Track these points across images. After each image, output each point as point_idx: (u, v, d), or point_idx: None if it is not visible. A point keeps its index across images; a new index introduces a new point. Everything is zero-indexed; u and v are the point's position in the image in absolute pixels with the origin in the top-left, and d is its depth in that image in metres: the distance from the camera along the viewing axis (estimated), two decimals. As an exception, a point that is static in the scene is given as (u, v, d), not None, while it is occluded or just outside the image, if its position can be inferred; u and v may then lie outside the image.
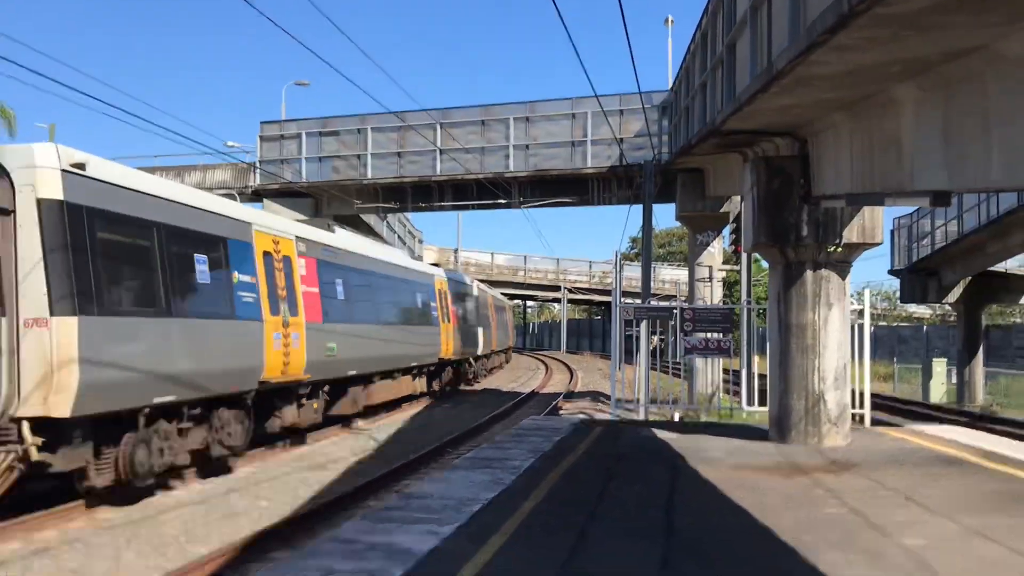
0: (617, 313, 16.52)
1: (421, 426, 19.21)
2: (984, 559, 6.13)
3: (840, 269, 11.84)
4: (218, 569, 7.89)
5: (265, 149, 26.52)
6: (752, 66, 9.70)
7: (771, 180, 11.61)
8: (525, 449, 11.28)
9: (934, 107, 7.85)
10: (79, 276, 9.09)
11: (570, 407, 23.13)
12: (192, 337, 11.13)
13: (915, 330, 47.68)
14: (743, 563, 6.06)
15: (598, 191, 24.66)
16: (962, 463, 10.33)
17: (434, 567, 5.85)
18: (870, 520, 7.27)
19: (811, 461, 10.42)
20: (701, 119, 14.60)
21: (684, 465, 10.18)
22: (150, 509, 10.49)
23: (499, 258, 63.54)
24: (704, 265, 22.66)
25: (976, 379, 28.28)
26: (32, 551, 8.54)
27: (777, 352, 12.06)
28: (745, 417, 16.76)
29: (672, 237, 74.34)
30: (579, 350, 71.50)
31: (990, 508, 7.74)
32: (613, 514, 7.56)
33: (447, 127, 24.37)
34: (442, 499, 8.02)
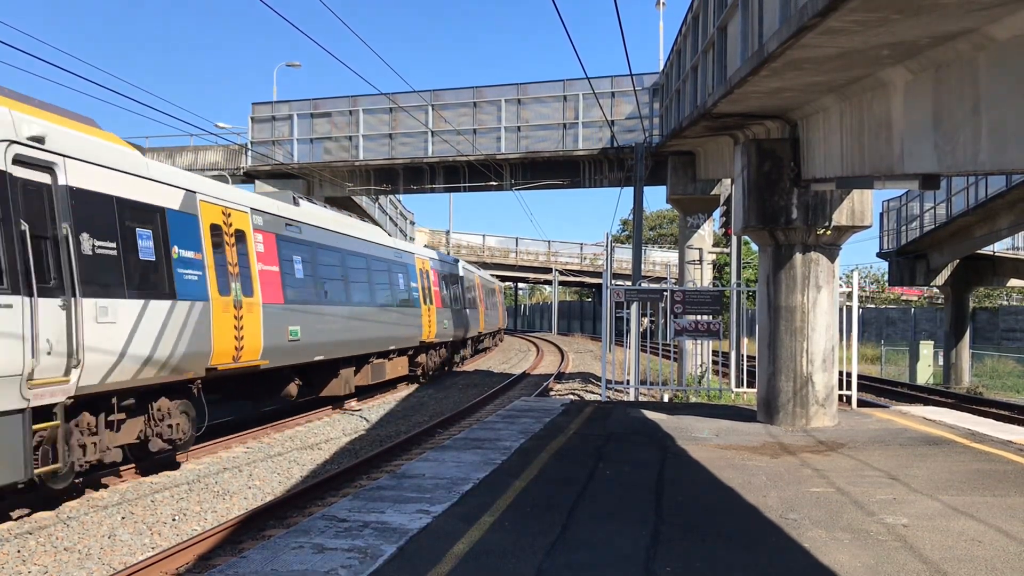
0: (608, 295, 16.60)
1: (412, 407, 19.30)
2: (965, 536, 6.25)
3: (829, 252, 11.93)
4: (212, 547, 7.97)
5: (256, 130, 26.40)
6: (743, 49, 9.73)
7: (761, 163, 11.67)
8: (516, 430, 11.38)
9: (924, 90, 7.90)
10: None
11: (561, 388, 23.26)
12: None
13: (903, 312, 48.00)
14: (730, 539, 6.16)
15: (589, 173, 24.67)
16: (947, 443, 10.48)
17: (426, 545, 5.93)
18: (855, 499, 7.40)
19: (798, 441, 10.56)
20: (692, 102, 14.62)
21: (673, 445, 10.30)
22: (144, 488, 10.55)
23: (491, 240, 63.57)
24: (694, 247, 22.75)
25: (962, 361, 28.57)
26: (27, 530, 8.59)
27: (766, 334, 12.17)
28: (734, 398, 16.93)
29: (663, 219, 74.46)
30: (570, 332, 71.74)
31: (973, 487, 7.88)
32: (603, 493, 7.65)
33: (438, 109, 24.30)
34: (434, 479, 8.10)
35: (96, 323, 9.38)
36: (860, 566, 5.54)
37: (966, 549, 5.94)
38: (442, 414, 17.67)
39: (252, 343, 13.22)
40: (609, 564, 5.56)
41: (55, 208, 8.97)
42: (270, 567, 5.43)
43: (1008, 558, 5.74)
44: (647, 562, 5.60)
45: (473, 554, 5.72)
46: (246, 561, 5.56)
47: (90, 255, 9.44)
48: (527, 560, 5.60)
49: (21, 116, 8.77)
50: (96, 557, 7.92)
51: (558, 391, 22.48)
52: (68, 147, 9.34)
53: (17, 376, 8.13)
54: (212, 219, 12.50)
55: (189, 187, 12.12)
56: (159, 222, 11.05)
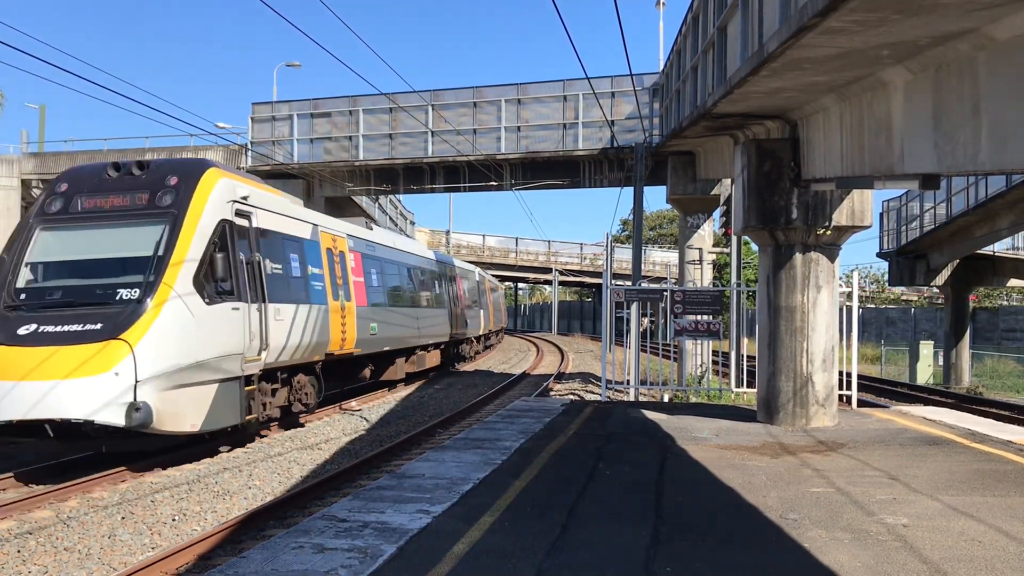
0: (608, 295, 16.60)
1: (412, 407, 19.30)
2: (965, 536, 6.25)
3: (829, 252, 11.93)
4: (212, 547, 7.97)
5: (256, 130, 26.40)
6: (743, 49, 9.73)
7: (761, 163, 11.67)
8: (516, 430, 11.38)
9: (924, 90, 7.90)
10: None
11: (561, 388, 23.26)
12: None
13: (903, 312, 48.00)
14: (730, 539, 6.17)
15: (589, 173, 24.67)
16: (947, 443, 10.48)
17: (426, 545, 5.93)
18: (855, 499, 7.40)
19: (798, 441, 10.56)
20: (692, 102, 14.62)
21: (673, 445, 10.30)
22: (144, 488, 10.55)
23: (491, 240, 63.58)
24: (694, 247, 22.75)
25: (962, 361, 28.57)
26: (27, 530, 8.59)
27: (766, 334, 12.17)
28: (734, 398, 16.93)
29: (663, 219, 74.45)
30: (570, 332, 71.74)
31: (973, 487, 7.88)
32: (603, 493, 7.66)
33: (438, 109, 24.30)
34: (434, 479, 8.10)
35: (274, 320, 13.50)
36: (860, 566, 5.54)
37: (966, 549, 5.94)
38: (442, 414, 17.66)
39: (350, 336, 17.24)
40: (609, 564, 5.56)
41: (252, 243, 13.14)
42: (270, 567, 5.43)
43: (1008, 558, 5.74)
44: (647, 562, 5.61)
45: (473, 554, 5.72)
46: (246, 561, 5.56)
47: (270, 274, 13.54)
48: (527, 560, 5.60)
49: (236, 183, 13.01)
50: (96, 557, 7.92)
51: (558, 391, 22.48)
52: (256, 200, 13.57)
53: (239, 355, 12.35)
54: (327, 244, 16.74)
55: (313, 221, 16.31)
56: (300, 249, 15.23)
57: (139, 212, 11.93)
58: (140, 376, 10.47)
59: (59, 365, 10.27)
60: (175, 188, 12.01)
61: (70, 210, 12.14)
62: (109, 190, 12.21)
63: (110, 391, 10.28)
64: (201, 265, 11.68)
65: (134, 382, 10.42)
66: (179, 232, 11.60)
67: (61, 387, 10.18)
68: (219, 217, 12.24)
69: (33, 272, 11.79)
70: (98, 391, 10.25)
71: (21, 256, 11.79)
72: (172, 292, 11.15)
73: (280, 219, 14.46)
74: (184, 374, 11.14)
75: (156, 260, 11.37)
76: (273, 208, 14.23)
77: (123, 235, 11.85)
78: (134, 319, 10.74)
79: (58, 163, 30.29)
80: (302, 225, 15.52)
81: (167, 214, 11.78)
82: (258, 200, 13.63)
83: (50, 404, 10.15)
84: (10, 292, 11.37)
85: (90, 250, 11.92)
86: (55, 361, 10.31)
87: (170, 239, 11.54)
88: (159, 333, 10.85)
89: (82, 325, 10.67)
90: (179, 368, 11.05)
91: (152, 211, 11.88)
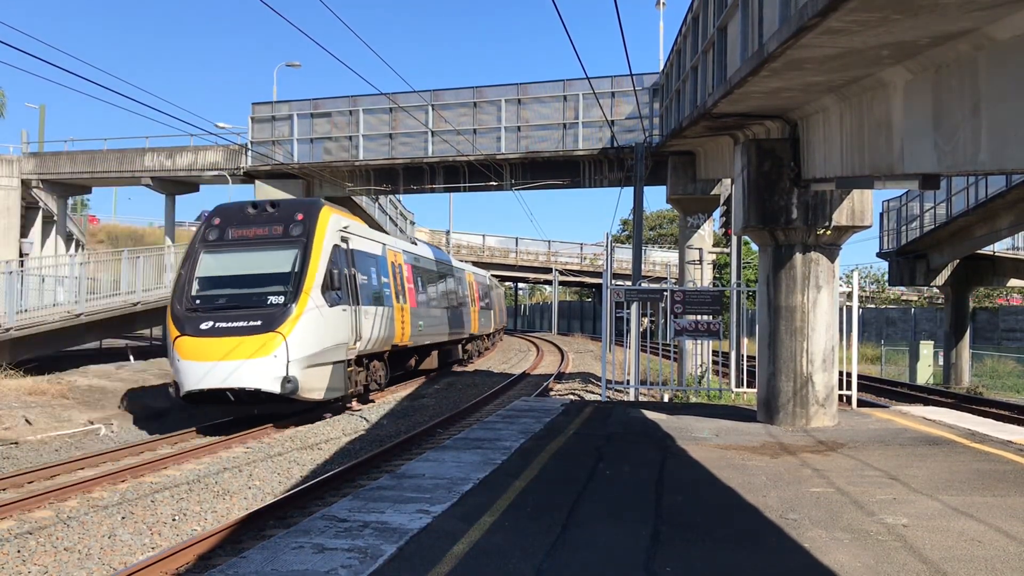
0: (608, 295, 16.60)
1: (412, 407, 19.29)
2: (965, 536, 6.25)
3: (829, 252, 11.93)
4: (212, 547, 7.97)
5: (256, 130, 26.39)
6: (743, 49, 9.72)
7: (761, 163, 11.66)
8: (516, 430, 11.37)
9: (924, 90, 7.90)
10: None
11: (561, 388, 23.26)
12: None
13: (903, 312, 48.00)
14: (730, 539, 6.17)
15: (589, 173, 24.67)
16: (947, 443, 10.48)
17: (426, 545, 5.93)
18: (855, 499, 7.40)
19: (798, 441, 10.56)
20: (692, 102, 14.62)
21: (673, 445, 10.30)
22: (144, 488, 10.56)
23: (491, 240, 63.56)
24: (694, 247, 22.74)
25: (962, 361, 28.55)
26: (27, 530, 8.60)
27: (766, 334, 12.17)
28: (734, 398, 16.93)
29: (663, 219, 74.40)
30: (570, 332, 71.69)
31: (973, 487, 7.88)
32: (603, 493, 7.65)
33: (438, 109, 24.30)
34: (434, 479, 8.10)
35: (364, 319, 17.68)
36: (860, 566, 5.54)
37: (966, 549, 5.94)
38: (442, 414, 17.66)
39: (406, 331, 21.50)
40: (609, 564, 5.56)
41: (349, 260, 17.43)
42: (270, 567, 5.43)
43: (1008, 558, 5.74)
44: (647, 562, 5.60)
45: (473, 554, 5.72)
46: (246, 561, 5.56)
47: (360, 283, 17.79)
48: (527, 560, 5.60)
49: (340, 216, 17.71)
50: (96, 557, 7.92)
51: (558, 391, 22.48)
52: (351, 229, 18.01)
53: (345, 344, 16.72)
54: (390, 259, 21.20)
55: (383, 241, 21.17)
56: (376, 263, 19.72)
57: (277, 239, 16.24)
58: (291, 358, 14.85)
59: (236, 350, 14.62)
60: (301, 222, 16.30)
61: (224, 238, 16.44)
62: (251, 223, 16.51)
63: (271, 369, 14.72)
64: (324, 278, 15.94)
65: (287, 362, 14.80)
66: (308, 254, 15.87)
67: (238, 366, 14.56)
68: (332, 243, 16.61)
69: (202, 284, 15.95)
70: (264, 369, 14.67)
71: (192, 272, 16.03)
72: (308, 298, 15.44)
73: (364, 241, 18.97)
74: (316, 357, 15.47)
75: (294, 275, 15.71)
76: (359, 233, 18.89)
77: (267, 256, 16.17)
78: (284, 317, 15.07)
79: (58, 163, 30.31)
80: (376, 244, 20.15)
81: (298, 241, 16.07)
82: (352, 228, 18.16)
83: (232, 378, 14.55)
84: (188, 299, 15.69)
85: (243, 267, 16.08)
86: (232, 347, 14.64)
87: (303, 259, 15.84)
88: (301, 327, 15.16)
89: (247, 322, 14.99)
90: (313, 353, 15.38)
91: (286, 239, 16.16)
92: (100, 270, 25.26)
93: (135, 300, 23.33)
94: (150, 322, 26.91)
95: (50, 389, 18.09)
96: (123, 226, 65.04)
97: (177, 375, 15.26)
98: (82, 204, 58.01)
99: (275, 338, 14.81)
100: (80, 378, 20.47)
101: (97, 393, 19.42)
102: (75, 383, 19.51)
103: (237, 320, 15.01)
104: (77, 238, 40.86)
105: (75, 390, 18.89)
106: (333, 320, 16.09)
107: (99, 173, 29.77)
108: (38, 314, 20.99)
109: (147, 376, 23.02)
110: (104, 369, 22.75)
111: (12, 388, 17.50)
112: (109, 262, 25.68)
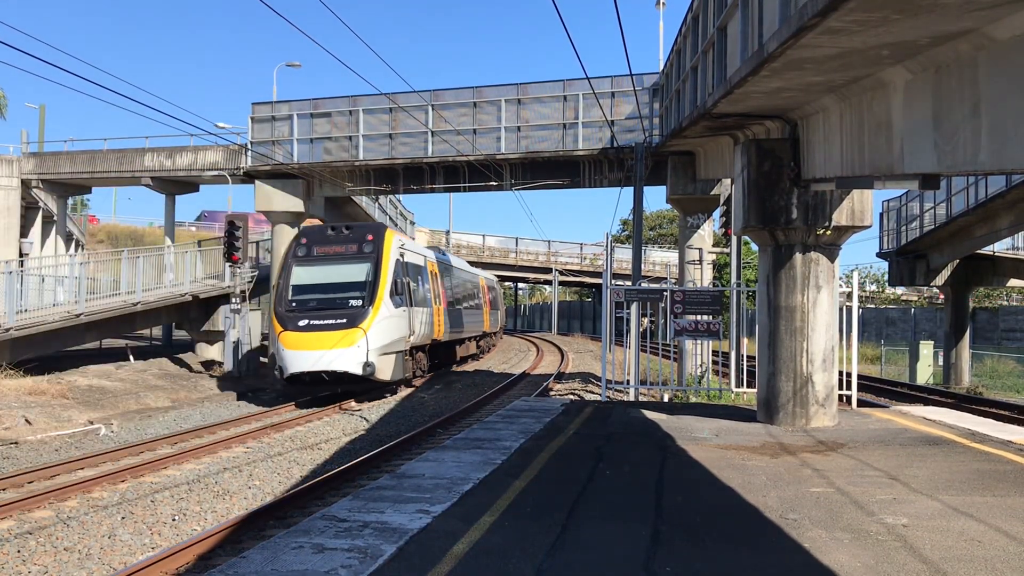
0: (608, 295, 16.60)
1: (412, 407, 19.29)
2: (965, 536, 6.25)
3: (829, 252, 11.93)
4: (212, 547, 7.97)
5: (256, 130, 26.36)
6: (743, 49, 9.72)
7: (761, 163, 11.66)
8: (516, 430, 11.37)
9: (924, 90, 7.90)
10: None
11: (561, 388, 23.26)
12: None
13: (903, 312, 47.99)
14: (730, 539, 6.17)
15: (589, 173, 24.65)
16: (947, 443, 10.48)
17: (426, 545, 5.93)
18: (855, 499, 7.40)
19: (798, 441, 10.56)
20: (692, 102, 14.62)
21: (673, 445, 10.30)
22: (144, 488, 10.56)
23: (491, 240, 63.52)
24: (694, 247, 22.74)
25: (962, 361, 28.55)
26: (27, 530, 8.59)
27: (766, 334, 12.17)
28: (734, 398, 16.93)
29: (663, 219, 74.38)
30: (570, 332, 71.68)
31: (973, 487, 7.88)
32: (603, 493, 7.66)
33: (438, 109, 24.28)
34: (434, 479, 8.10)
35: (415, 318, 21.72)
36: (860, 566, 5.54)
37: (966, 549, 5.94)
38: (442, 414, 17.66)
39: (441, 327, 25.86)
40: (609, 564, 5.56)
41: (404, 271, 21.28)
42: (270, 567, 5.43)
43: (1008, 558, 5.74)
44: (647, 562, 5.61)
45: (473, 554, 5.72)
46: (246, 561, 5.56)
47: (412, 289, 21.75)
48: (527, 560, 5.60)
49: (399, 236, 22.09)
50: (96, 557, 7.92)
51: (558, 391, 22.48)
52: (405, 245, 22.31)
53: (404, 337, 20.85)
54: (430, 267, 25.51)
55: (424, 253, 25.57)
56: (421, 271, 23.87)
57: (353, 256, 20.65)
58: (370, 348, 19.17)
59: (328, 342, 18.92)
60: (372, 241, 20.75)
61: (311, 254, 20.79)
62: (332, 242, 20.91)
63: (356, 356, 19.02)
64: (391, 286, 20.27)
65: (367, 351, 19.12)
66: (379, 267, 20.26)
67: (332, 353, 18.87)
68: (395, 258, 20.91)
69: (296, 291, 20.18)
70: (350, 356, 18.95)
71: (288, 281, 20.43)
72: (381, 302, 19.77)
73: (412, 254, 23.23)
74: (386, 348, 19.87)
75: (369, 283, 20.03)
76: (410, 248, 23.51)
77: (347, 269, 20.50)
78: (364, 316, 19.40)
79: (58, 163, 30.31)
80: (420, 256, 24.54)
81: (370, 257, 20.47)
82: (406, 245, 22.80)
83: (327, 363, 18.89)
84: (286, 302, 19.98)
85: (328, 277, 20.40)
86: (325, 340, 18.95)
87: (375, 271, 20.20)
88: (377, 324, 19.51)
89: (335, 320, 19.27)
90: (385, 344, 19.77)
91: (361, 255, 20.58)
92: (100, 270, 25.30)
93: (135, 300, 23.34)
94: (150, 322, 26.95)
95: (50, 389, 18.12)
96: (123, 226, 65.07)
97: (281, 362, 19.27)
98: (82, 204, 58.05)
99: (358, 332, 19.09)
100: (80, 378, 20.48)
101: (97, 393, 19.42)
102: (75, 383, 19.53)
103: (327, 319, 19.28)
104: (77, 238, 40.86)
105: (75, 390, 18.92)
106: (397, 319, 20.50)
107: (99, 173, 29.76)
108: (38, 314, 20.99)
109: (147, 376, 23.01)
110: (104, 369, 22.75)
111: (12, 388, 17.51)
112: (109, 262, 25.73)
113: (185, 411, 18.36)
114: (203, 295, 26.50)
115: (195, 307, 27.01)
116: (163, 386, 22.05)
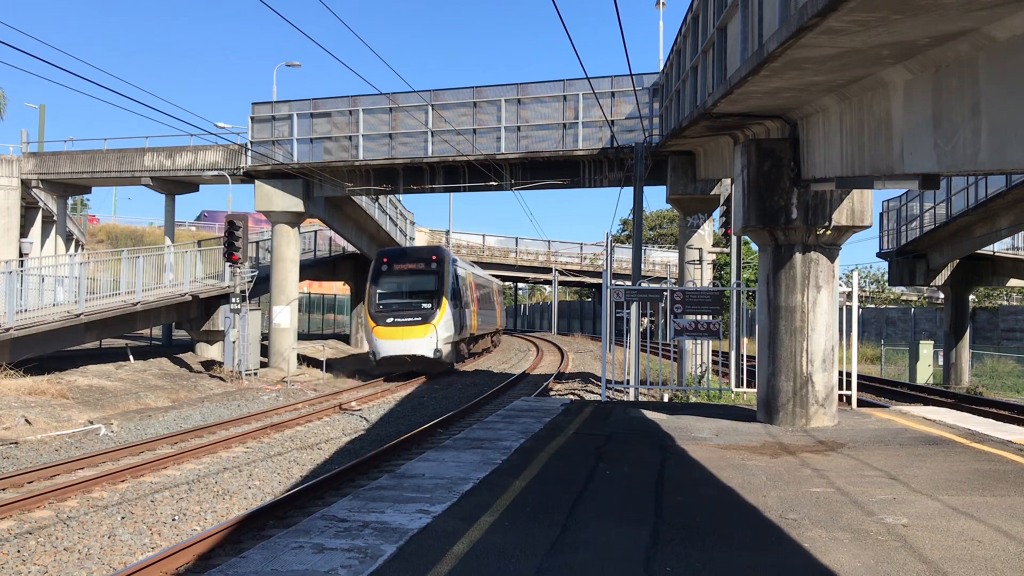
0: (608, 295, 16.60)
1: (412, 407, 19.30)
2: (965, 536, 6.25)
3: (829, 252, 11.93)
4: (212, 547, 7.97)
5: (256, 130, 26.37)
6: (743, 49, 9.73)
7: (761, 163, 11.66)
8: (516, 430, 11.38)
9: (924, 90, 7.90)
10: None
11: (561, 388, 23.26)
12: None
13: (903, 312, 47.98)
14: (730, 539, 6.17)
15: (589, 173, 24.66)
16: (947, 443, 10.48)
17: (426, 545, 5.93)
18: (855, 499, 7.40)
19: (798, 441, 10.56)
20: (692, 102, 14.62)
21: (673, 445, 10.30)
22: (144, 488, 10.56)
23: (490, 240, 63.49)
24: (694, 247, 22.74)
25: (962, 361, 28.55)
26: (27, 530, 8.59)
27: (766, 334, 12.17)
28: (734, 398, 16.93)
29: (663, 219, 74.39)
30: (570, 332, 71.70)
31: (973, 487, 7.88)
32: (603, 492, 7.66)
33: (438, 109, 24.29)
34: (434, 479, 8.10)
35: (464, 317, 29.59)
36: (860, 566, 5.54)
37: (966, 549, 5.94)
38: (442, 414, 17.67)
39: (474, 323, 32.89)
40: (609, 564, 5.56)
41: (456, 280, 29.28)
42: (270, 567, 5.43)
43: (1008, 558, 5.74)
44: (647, 562, 5.61)
45: (473, 554, 5.72)
46: (246, 561, 5.56)
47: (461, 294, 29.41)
48: (527, 560, 5.60)
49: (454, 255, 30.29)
50: (96, 557, 7.92)
51: (558, 391, 22.48)
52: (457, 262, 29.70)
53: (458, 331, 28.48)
54: (468, 278, 32.05)
55: (465, 266, 32.57)
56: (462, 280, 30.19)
57: (423, 270, 27.54)
58: (438, 338, 26.33)
59: (410, 334, 26.13)
60: (435, 260, 27.71)
61: (391, 270, 27.65)
62: (405, 260, 28.24)
63: (429, 344, 26.19)
64: (451, 293, 27.14)
65: (437, 340, 26.30)
66: (443, 279, 27.22)
67: (412, 342, 26.12)
68: (452, 272, 27.67)
69: (382, 297, 27.17)
70: (425, 344, 26.16)
71: (375, 289, 27.27)
72: (445, 305, 26.82)
73: (459, 267, 29.59)
74: (448, 339, 27.02)
75: (437, 291, 27.04)
76: (459, 264, 30.20)
77: (419, 280, 27.48)
78: (434, 316, 26.52)
79: (58, 163, 30.31)
80: (464, 269, 31.54)
81: (436, 272, 27.36)
82: (458, 262, 29.68)
83: (408, 348, 26.11)
84: (376, 306, 26.86)
85: (405, 287, 27.48)
86: (408, 332, 26.15)
87: (440, 282, 27.24)
88: (443, 321, 26.64)
89: (412, 318, 26.34)
90: (447, 336, 26.89)
91: (429, 269, 27.48)
92: (100, 270, 25.30)
93: (135, 300, 23.34)
94: (150, 322, 26.94)
95: (50, 389, 18.11)
96: (123, 226, 65.09)
97: (375, 349, 26.55)
98: (82, 204, 58.06)
99: (430, 327, 26.33)
100: (80, 378, 20.48)
101: (97, 393, 19.43)
102: (75, 383, 19.52)
103: (406, 317, 26.39)
104: (77, 238, 40.87)
105: (75, 390, 18.91)
106: (455, 317, 27.47)
107: (99, 173, 29.77)
108: (38, 314, 20.99)
109: (147, 376, 23.02)
110: (104, 369, 22.74)
111: (12, 388, 17.52)
112: (109, 262, 25.73)
113: (185, 411, 18.37)
114: (203, 295, 26.52)
115: (195, 307, 27.03)
116: (163, 386, 22.06)
